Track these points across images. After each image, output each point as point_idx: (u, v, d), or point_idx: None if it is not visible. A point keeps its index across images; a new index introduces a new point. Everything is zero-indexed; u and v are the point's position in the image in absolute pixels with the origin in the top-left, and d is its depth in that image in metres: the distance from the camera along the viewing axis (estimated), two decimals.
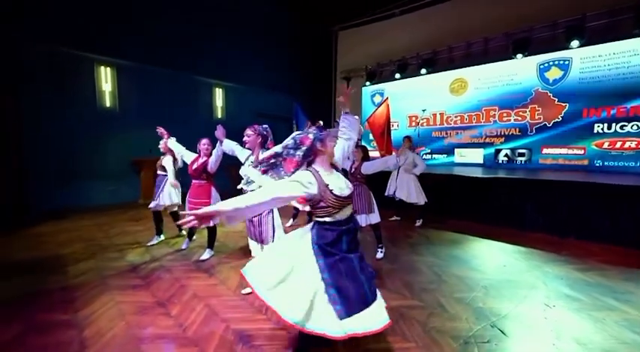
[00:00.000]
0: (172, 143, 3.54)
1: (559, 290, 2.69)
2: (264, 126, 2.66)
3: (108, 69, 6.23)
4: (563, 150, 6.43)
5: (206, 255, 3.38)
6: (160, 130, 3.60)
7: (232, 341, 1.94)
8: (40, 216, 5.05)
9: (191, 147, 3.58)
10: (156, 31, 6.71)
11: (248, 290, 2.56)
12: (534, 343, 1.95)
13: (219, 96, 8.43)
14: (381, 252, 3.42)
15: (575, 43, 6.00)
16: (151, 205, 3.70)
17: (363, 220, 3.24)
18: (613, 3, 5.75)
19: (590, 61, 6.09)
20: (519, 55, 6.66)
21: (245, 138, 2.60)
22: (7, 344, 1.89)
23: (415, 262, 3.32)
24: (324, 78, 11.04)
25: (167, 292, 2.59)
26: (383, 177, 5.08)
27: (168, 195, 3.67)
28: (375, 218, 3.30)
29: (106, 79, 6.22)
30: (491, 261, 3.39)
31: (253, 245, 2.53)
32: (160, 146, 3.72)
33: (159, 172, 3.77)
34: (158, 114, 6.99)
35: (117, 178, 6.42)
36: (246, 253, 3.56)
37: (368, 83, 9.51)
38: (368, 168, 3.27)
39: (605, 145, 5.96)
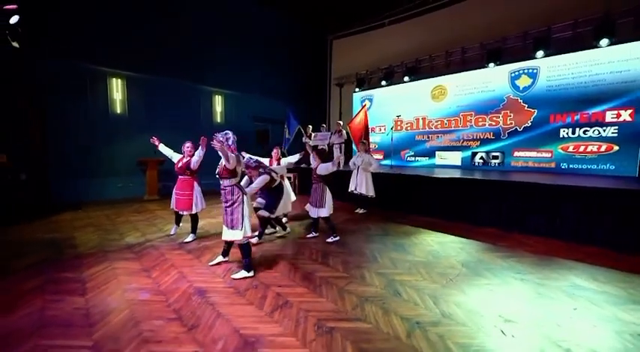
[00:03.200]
0: (162, 148, 4.25)
1: (473, 270, 3.22)
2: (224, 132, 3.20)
3: (119, 80, 7.12)
4: (533, 153, 6.84)
5: (189, 238, 4.09)
6: (153, 139, 4.23)
7: (191, 293, 2.62)
8: (60, 206, 5.94)
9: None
10: (161, 45, 7.59)
11: (215, 261, 3.26)
12: (418, 303, 2.52)
13: (218, 102, 9.24)
14: (333, 238, 4.05)
15: (540, 53, 6.44)
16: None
17: (314, 212, 3.92)
18: (576, 16, 6.17)
19: (556, 70, 6.50)
20: (492, 64, 7.14)
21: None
22: (33, 289, 2.64)
23: (362, 248, 3.91)
24: (319, 84, 11.73)
25: (152, 263, 3.30)
26: (347, 176, 5.82)
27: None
28: (323, 212, 3.95)
29: (117, 89, 7.12)
30: (427, 248, 3.94)
31: (224, 229, 3.14)
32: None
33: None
34: (162, 120, 7.87)
35: (125, 176, 7.29)
36: (219, 237, 4.26)
37: (358, 89, 10.12)
38: (321, 170, 3.91)
39: (570, 149, 6.35)
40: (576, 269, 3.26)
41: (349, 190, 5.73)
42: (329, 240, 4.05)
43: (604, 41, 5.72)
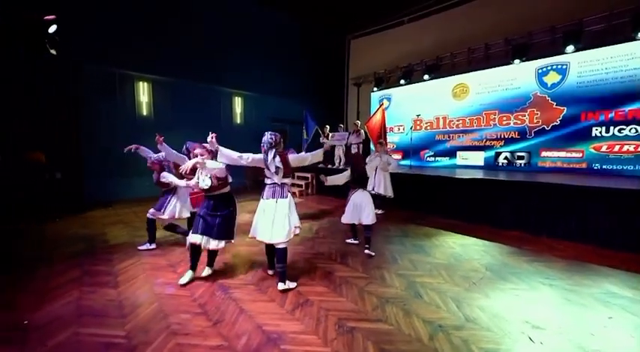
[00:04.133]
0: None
1: (497, 273, 3.12)
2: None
3: (145, 83, 7.45)
4: (562, 153, 6.51)
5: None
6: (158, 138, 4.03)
7: (215, 288, 2.71)
8: (92, 203, 6.29)
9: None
10: (183, 49, 7.86)
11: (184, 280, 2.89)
12: (441, 306, 2.48)
13: (238, 104, 9.45)
14: (368, 250, 3.75)
15: (570, 47, 6.12)
16: None
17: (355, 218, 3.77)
18: (610, 7, 5.82)
19: (588, 65, 6.16)
20: (518, 60, 6.86)
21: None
22: (71, 280, 2.83)
23: (381, 249, 3.88)
24: (337, 84, 11.72)
25: (177, 258, 3.44)
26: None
27: None
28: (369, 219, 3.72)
29: (143, 92, 7.44)
30: (449, 250, 3.86)
31: (268, 231, 2.70)
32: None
33: None
34: (186, 121, 8.15)
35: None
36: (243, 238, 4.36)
37: (376, 89, 10.02)
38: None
39: (604, 148, 6.00)
40: (610, 275, 3.09)
41: (367, 190, 5.68)
42: (367, 251, 3.70)
43: None
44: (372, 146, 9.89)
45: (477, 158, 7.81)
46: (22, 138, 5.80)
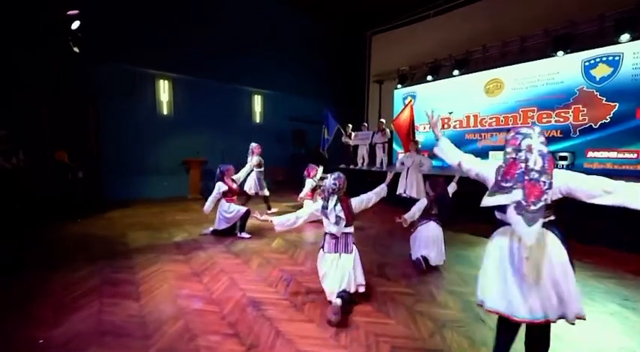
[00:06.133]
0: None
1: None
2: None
3: (165, 82, 7.34)
4: (612, 154, 5.90)
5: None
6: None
7: (245, 304, 2.42)
8: (112, 204, 6.19)
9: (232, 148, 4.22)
10: (203, 48, 7.70)
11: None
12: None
13: (257, 102, 9.25)
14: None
15: (625, 36, 5.52)
16: None
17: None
18: None
19: None
20: (560, 53, 6.29)
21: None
22: (91, 290, 2.61)
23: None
24: (357, 82, 11.34)
25: (201, 266, 3.19)
26: (395, 178, 5.36)
27: None
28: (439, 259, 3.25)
29: (164, 90, 7.34)
30: None
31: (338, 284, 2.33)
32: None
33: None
34: (206, 120, 8.01)
35: (170, 175, 7.49)
36: (267, 244, 4.09)
37: (399, 86, 9.59)
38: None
39: None
40: None
41: (397, 193, 5.29)
42: None
43: None
44: (395, 146, 9.50)
45: None
46: (43, 137, 5.77)
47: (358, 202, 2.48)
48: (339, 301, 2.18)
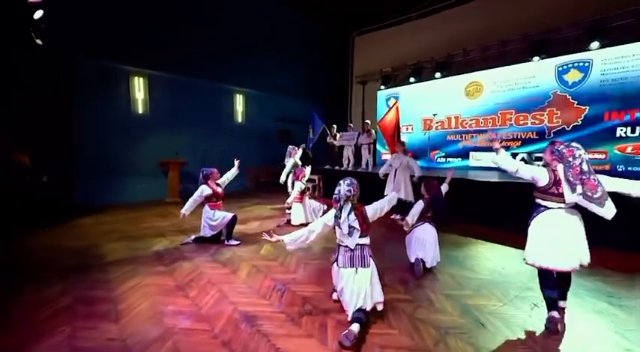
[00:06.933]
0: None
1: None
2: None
3: (141, 79, 6.90)
4: None
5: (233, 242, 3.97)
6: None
7: (238, 319, 2.25)
8: (83, 210, 5.71)
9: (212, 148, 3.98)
10: (182, 43, 7.32)
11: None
12: (512, 338, 2.09)
13: (239, 102, 8.95)
14: None
15: (595, 44, 5.85)
16: None
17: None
18: (637, 1, 5.55)
19: (613, 63, 5.91)
20: (536, 58, 6.57)
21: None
22: (62, 311, 2.33)
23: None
24: (341, 82, 11.31)
25: (186, 278, 2.97)
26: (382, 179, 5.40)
27: None
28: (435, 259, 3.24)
29: (139, 88, 6.89)
30: (489, 263, 3.49)
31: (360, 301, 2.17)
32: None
33: None
34: (185, 119, 7.63)
35: (146, 177, 7.06)
36: (256, 251, 3.91)
37: (383, 87, 9.66)
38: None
39: (629, 149, 5.75)
40: None
41: (385, 194, 5.29)
42: None
43: None
44: (378, 147, 9.56)
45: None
46: (5, 137, 5.21)
47: (373, 211, 2.32)
48: (356, 328, 1.96)
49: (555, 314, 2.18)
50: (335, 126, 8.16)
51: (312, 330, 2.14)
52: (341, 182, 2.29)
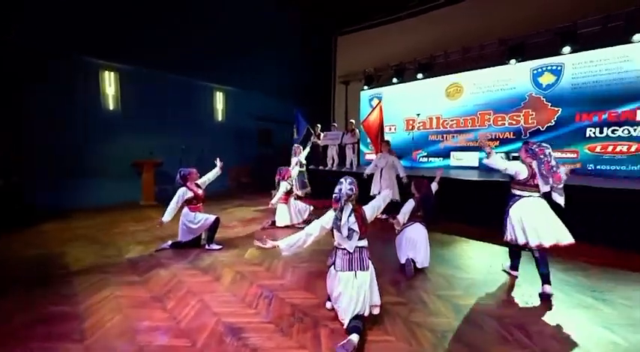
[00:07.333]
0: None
1: (540, 289, 2.79)
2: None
3: (112, 73, 6.43)
4: (556, 154, 6.40)
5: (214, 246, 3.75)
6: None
7: (222, 332, 2.06)
8: (46, 214, 5.21)
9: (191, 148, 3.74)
10: (157, 36, 6.92)
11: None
12: (508, 337, 2.06)
13: (219, 99, 8.62)
14: None
15: (566, 49, 6.12)
16: None
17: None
18: (605, 10, 5.86)
19: (582, 67, 6.21)
20: (513, 61, 6.80)
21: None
22: (15, 331, 2.03)
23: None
24: (324, 82, 11.22)
25: (163, 287, 2.72)
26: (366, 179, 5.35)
27: None
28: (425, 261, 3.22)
29: (109, 83, 6.42)
30: (476, 261, 3.51)
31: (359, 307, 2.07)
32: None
33: None
34: (161, 117, 7.22)
35: (118, 179, 6.59)
36: (239, 255, 3.70)
37: (366, 87, 9.67)
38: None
39: (598, 149, 6.06)
40: None
41: (371, 194, 5.24)
42: None
43: (638, 36, 5.43)
44: (361, 146, 9.55)
45: (472, 159, 7.69)
46: None
47: (371, 211, 2.23)
48: (355, 338, 1.85)
49: (548, 289, 2.63)
50: (319, 125, 8.05)
51: (305, 341, 1.99)
52: (342, 180, 2.16)
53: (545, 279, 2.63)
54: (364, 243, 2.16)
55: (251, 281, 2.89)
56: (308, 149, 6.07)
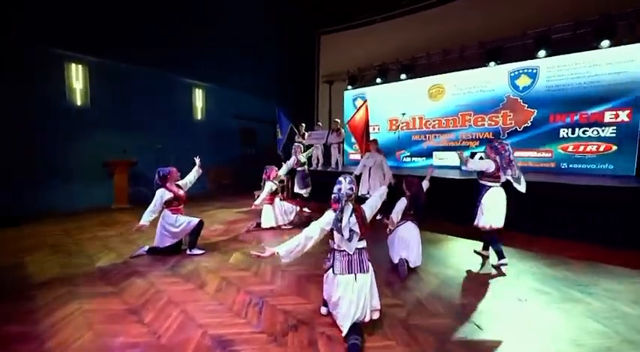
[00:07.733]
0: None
1: (530, 285, 2.82)
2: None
3: (79, 66, 5.93)
4: (533, 153, 6.79)
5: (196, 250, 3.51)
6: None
7: (209, 346, 1.87)
8: (1, 221, 4.67)
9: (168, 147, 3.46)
10: (132, 27, 6.48)
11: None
12: (507, 335, 2.02)
13: (198, 97, 8.24)
14: None
15: (542, 52, 6.39)
16: None
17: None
18: (576, 16, 6.16)
19: (556, 70, 6.50)
20: (492, 63, 7.01)
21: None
22: None
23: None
24: (307, 81, 11.09)
25: (140, 298, 2.47)
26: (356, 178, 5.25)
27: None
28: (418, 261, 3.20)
29: (76, 76, 5.92)
30: (467, 259, 3.51)
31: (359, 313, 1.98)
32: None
33: None
34: (135, 114, 6.78)
35: (87, 181, 6.09)
36: (223, 260, 3.49)
37: (350, 87, 9.64)
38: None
39: (570, 149, 6.36)
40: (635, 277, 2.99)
41: (360, 194, 5.17)
42: None
43: (605, 42, 5.76)
44: (346, 146, 9.51)
45: (453, 158, 7.82)
46: None
47: (370, 210, 2.12)
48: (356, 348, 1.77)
49: (505, 261, 3.13)
50: (304, 124, 7.90)
51: (300, 351, 1.85)
52: (341, 179, 2.04)
53: (500, 255, 3.15)
54: (364, 244, 2.06)
55: (238, 288, 2.69)
56: (310, 149, 6.05)
